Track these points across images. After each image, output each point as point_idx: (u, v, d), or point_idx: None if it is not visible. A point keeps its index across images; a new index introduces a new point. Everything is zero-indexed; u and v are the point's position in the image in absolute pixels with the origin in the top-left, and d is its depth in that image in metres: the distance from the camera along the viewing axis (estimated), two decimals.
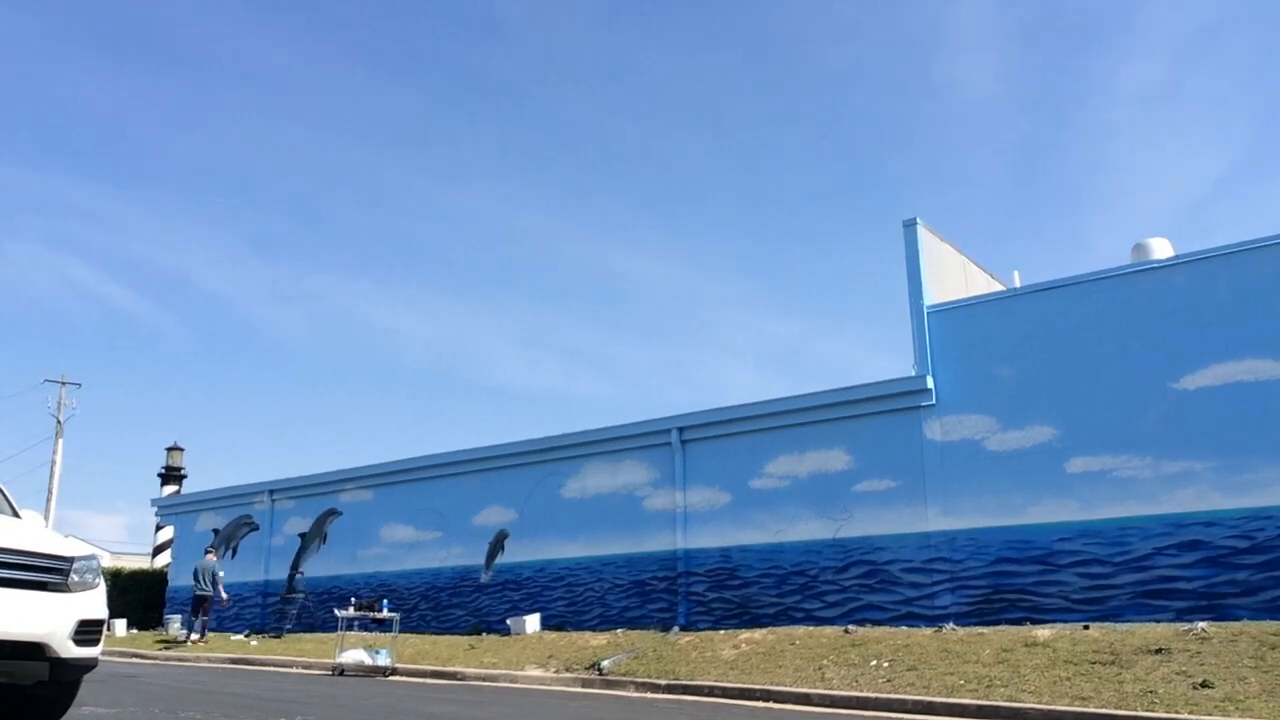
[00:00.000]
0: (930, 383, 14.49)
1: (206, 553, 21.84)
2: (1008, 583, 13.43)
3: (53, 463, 40.90)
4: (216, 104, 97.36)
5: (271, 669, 16.86)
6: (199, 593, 20.66)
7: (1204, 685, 9.48)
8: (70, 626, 6.33)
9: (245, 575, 24.30)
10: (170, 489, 37.89)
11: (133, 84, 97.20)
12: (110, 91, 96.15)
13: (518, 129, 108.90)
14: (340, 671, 15.25)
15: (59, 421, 41.50)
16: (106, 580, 7.70)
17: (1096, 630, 11.86)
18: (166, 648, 20.42)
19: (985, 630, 12.79)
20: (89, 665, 6.68)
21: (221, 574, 21.16)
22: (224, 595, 21.03)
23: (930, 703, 10.22)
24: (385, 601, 17.63)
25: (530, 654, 15.58)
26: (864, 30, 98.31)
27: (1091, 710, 9.28)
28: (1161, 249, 14.56)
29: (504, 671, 14.52)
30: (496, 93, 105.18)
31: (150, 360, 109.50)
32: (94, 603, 6.63)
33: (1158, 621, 11.98)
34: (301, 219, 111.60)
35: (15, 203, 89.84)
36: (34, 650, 6.16)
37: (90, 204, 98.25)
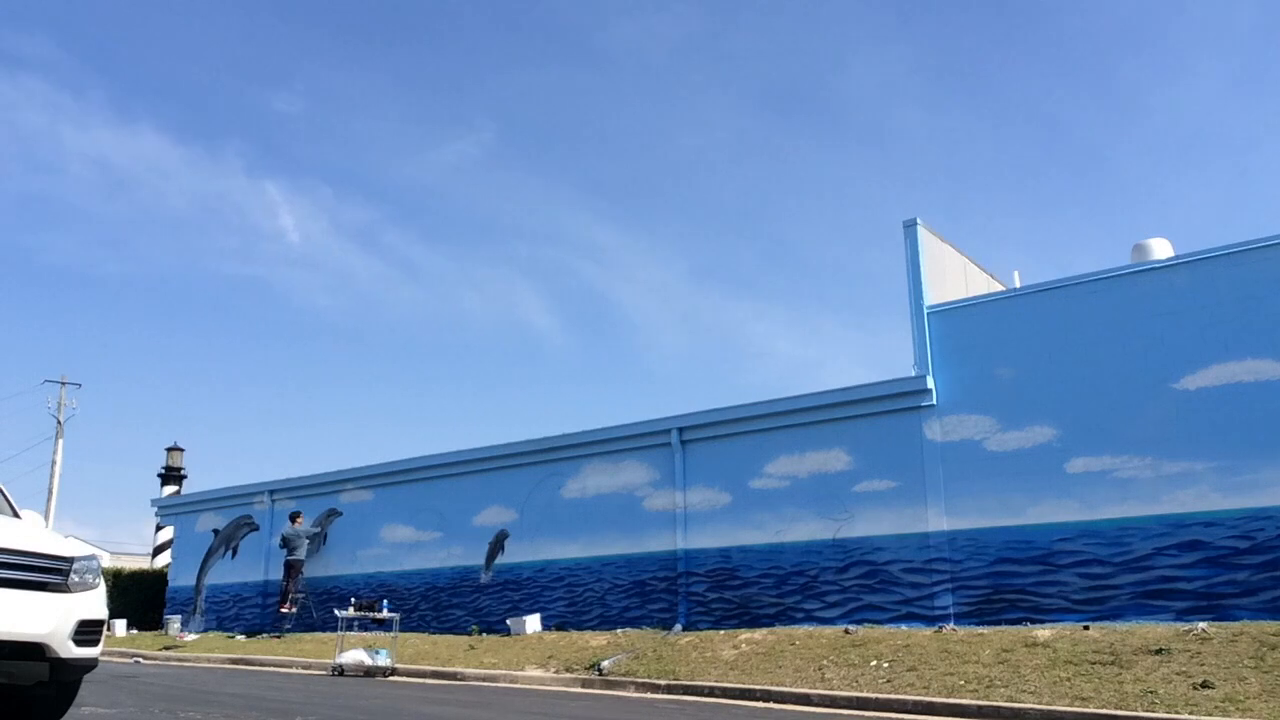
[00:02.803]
0: (930, 383, 14.48)
1: (294, 519, 22.19)
2: (1008, 583, 13.42)
3: (53, 463, 40.92)
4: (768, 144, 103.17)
5: (271, 669, 16.86)
6: (291, 559, 21.42)
7: (1204, 685, 9.48)
8: (70, 627, 6.33)
9: (245, 575, 24.30)
10: (170, 489, 37.89)
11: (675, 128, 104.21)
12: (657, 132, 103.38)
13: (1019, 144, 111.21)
14: (340, 671, 15.25)
15: (59, 422, 41.52)
16: (106, 580, 7.70)
17: (1096, 630, 11.86)
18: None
19: (985, 630, 12.79)
20: (89, 665, 6.68)
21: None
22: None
23: (930, 703, 10.22)
24: (385, 601, 17.63)
25: (530, 654, 15.58)
26: None
27: (1091, 710, 9.28)
28: (1161, 249, 14.56)
29: (504, 672, 14.51)
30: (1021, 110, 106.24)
31: (542, 368, 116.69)
32: (94, 603, 6.63)
33: (1158, 622, 11.98)
34: (764, 248, 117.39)
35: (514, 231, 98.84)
36: (34, 651, 6.16)
37: (581, 232, 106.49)
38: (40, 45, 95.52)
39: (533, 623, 17.64)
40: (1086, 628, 12.07)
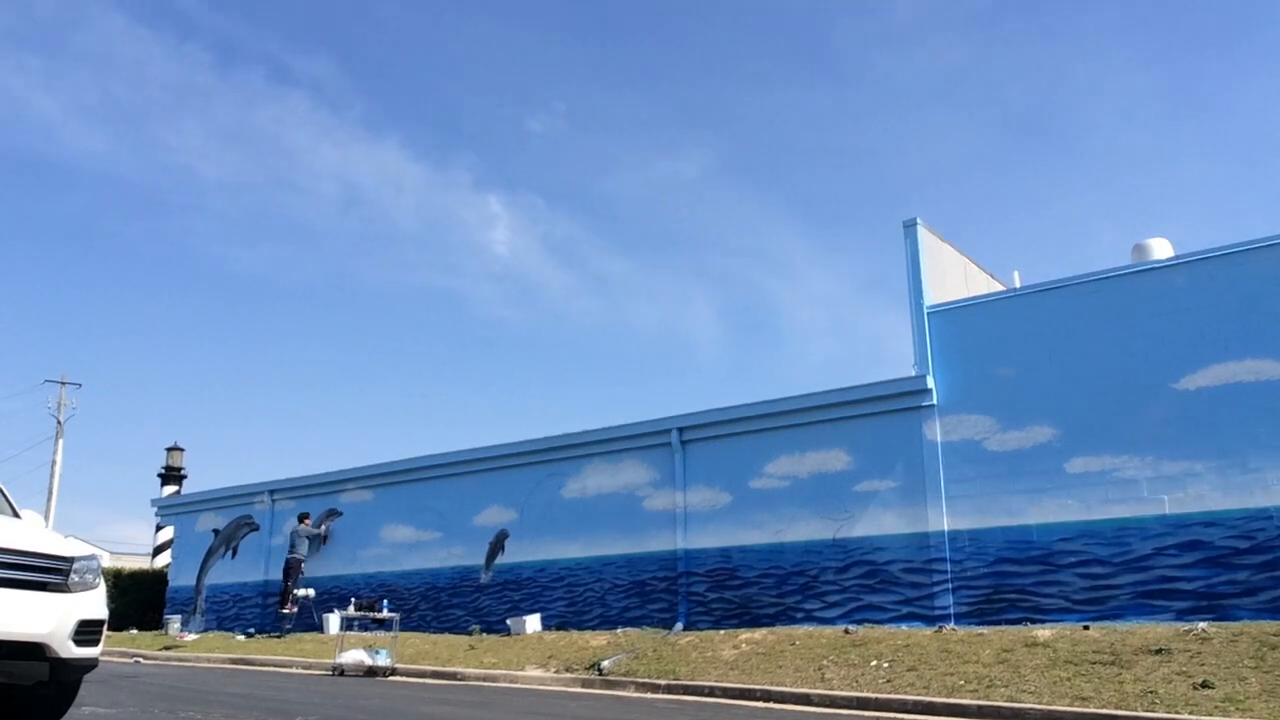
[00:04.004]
0: (930, 383, 14.48)
1: (302, 519, 22.46)
2: (1008, 583, 13.42)
3: (53, 463, 40.94)
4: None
5: (271, 669, 16.86)
6: (291, 556, 21.67)
7: (1204, 685, 9.48)
8: (70, 627, 6.33)
9: (245, 575, 24.30)
10: (170, 489, 37.88)
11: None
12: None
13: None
14: (340, 671, 15.25)
15: (59, 421, 41.55)
16: (106, 580, 7.70)
17: (1097, 630, 11.86)
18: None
19: (985, 630, 12.79)
20: (89, 665, 6.68)
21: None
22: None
23: (930, 703, 10.22)
24: (385, 601, 17.63)
25: (530, 654, 15.58)
26: None
27: (1091, 710, 9.28)
28: (1161, 249, 14.56)
29: (504, 672, 14.52)
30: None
31: (684, 379, 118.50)
32: (94, 603, 6.63)
33: (1158, 622, 11.98)
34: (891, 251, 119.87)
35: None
36: (34, 650, 6.16)
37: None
38: (318, 63, 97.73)
39: (533, 623, 17.64)
40: (1086, 628, 12.06)
